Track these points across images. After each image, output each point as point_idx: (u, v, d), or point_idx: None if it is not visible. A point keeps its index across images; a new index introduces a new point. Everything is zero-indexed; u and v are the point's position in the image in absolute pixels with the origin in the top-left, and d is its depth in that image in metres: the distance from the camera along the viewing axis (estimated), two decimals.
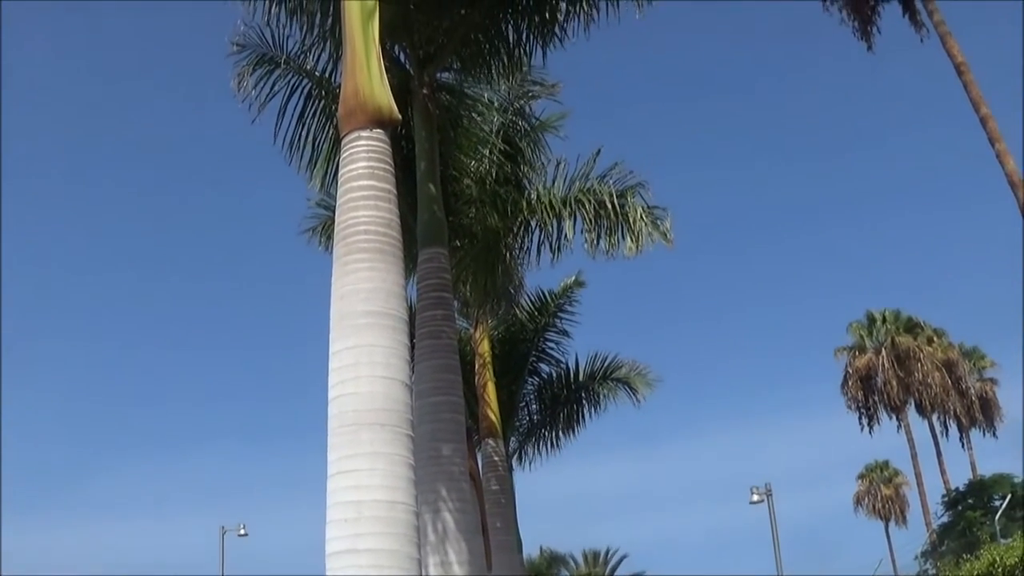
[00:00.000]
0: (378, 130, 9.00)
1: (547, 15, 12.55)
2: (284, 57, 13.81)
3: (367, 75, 9.04)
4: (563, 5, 12.49)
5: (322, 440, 8.02)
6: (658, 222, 14.49)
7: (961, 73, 25.14)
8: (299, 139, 14.10)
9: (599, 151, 15.25)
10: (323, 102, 14.02)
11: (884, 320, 53.05)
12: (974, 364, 54.98)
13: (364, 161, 8.84)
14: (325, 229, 17.15)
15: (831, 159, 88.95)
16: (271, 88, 13.87)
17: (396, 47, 12.95)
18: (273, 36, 13.65)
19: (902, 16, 28.51)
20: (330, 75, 13.85)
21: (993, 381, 55.18)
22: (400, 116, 9.27)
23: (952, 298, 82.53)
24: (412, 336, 9.35)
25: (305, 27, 13.35)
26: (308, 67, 13.97)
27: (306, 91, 14.03)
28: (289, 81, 13.95)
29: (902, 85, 79.83)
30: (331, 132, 13.98)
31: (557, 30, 12.72)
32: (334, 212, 16.18)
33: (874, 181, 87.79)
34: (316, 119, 14.11)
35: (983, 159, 24.56)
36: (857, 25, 28.90)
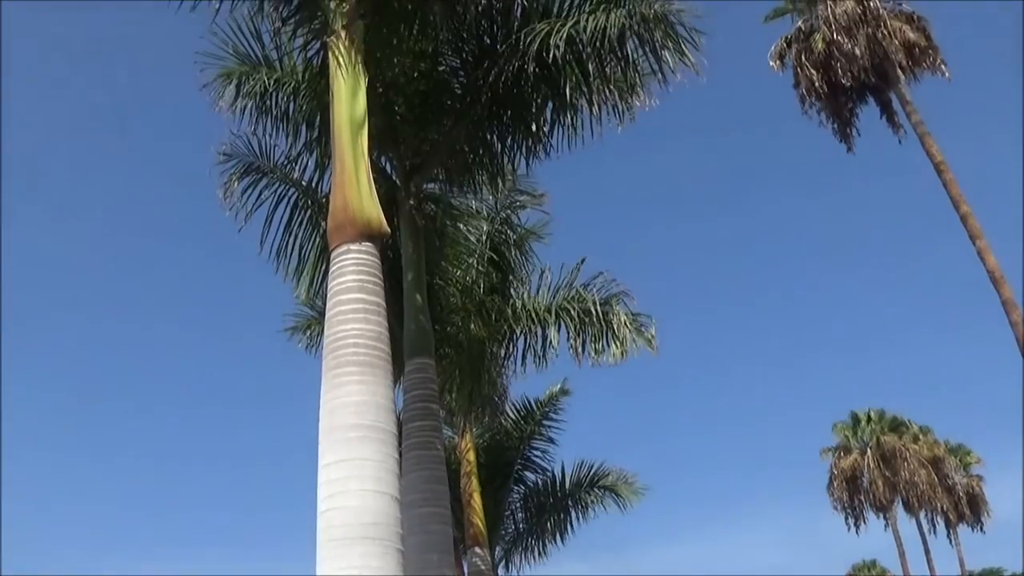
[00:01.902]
0: (367, 243, 9.11)
1: (532, 128, 12.69)
2: (271, 166, 13.94)
3: (356, 189, 9.16)
4: (547, 119, 12.63)
5: (308, 552, 7.98)
6: (642, 329, 14.57)
7: (941, 172, 25.62)
8: (286, 247, 14.15)
9: (583, 260, 15.45)
10: (309, 211, 14.11)
11: (869, 420, 52.98)
12: (960, 460, 54.86)
13: (353, 274, 8.92)
14: (307, 329, 17.22)
15: (813, 260, 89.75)
16: (258, 197, 13.99)
17: (383, 157, 13.08)
18: (260, 145, 13.83)
19: (880, 117, 29.06)
20: (316, 185, 13.99)
21: (979, 477, 55.10)
22: (389, 230, 9.37)
23: (937, 395, 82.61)
24: (399, 445, 9.33)
25: (291, 137, 13.54)
26: (294, 177, 14.08)
27: (292, 200, 14.12)
28: (276, 190, 14.06)
29: (881, 184, 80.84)
30: (317, 241, 14.06)
31: (542, 142, 12.83)
32: (316, 312, 16.49)
33: (856, 281, 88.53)
34: (303, 228, 14.18)
35: (964, 256, 24.80)
36: (836, 127, 29.42)
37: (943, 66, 27.89)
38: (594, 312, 14.54)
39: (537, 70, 11.83)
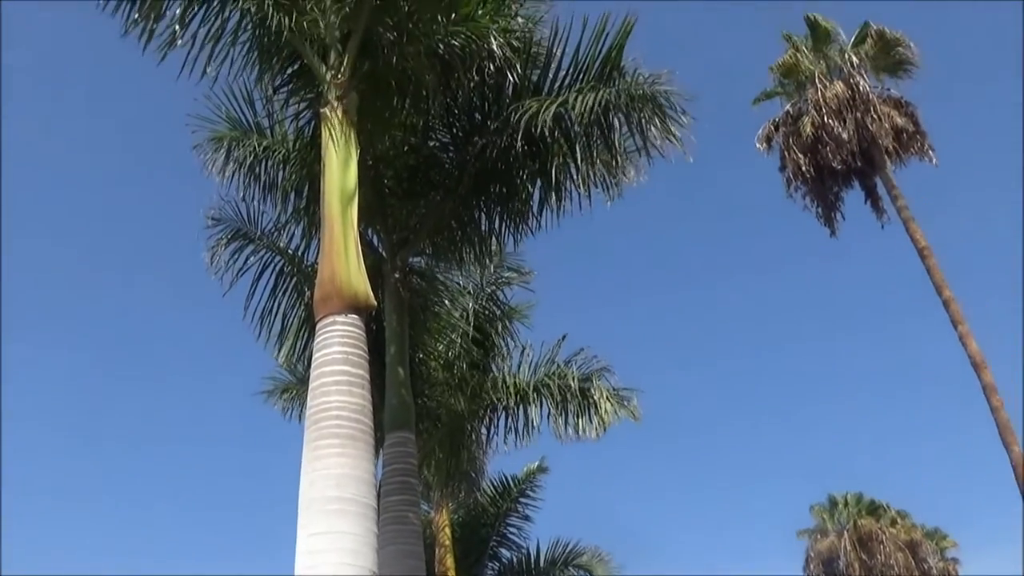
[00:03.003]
0: (353, 315, 9.10)
1: (519, 204, 12.75)
2: (258, 233, 13.98)
3: (344, 260, 9.17)
4: (535, 196, 12.69)
5: None
6: (625, 401, 14.60)
7: (924, 257, 25.78)
8: (269, 313, 14.13)
9: (564, 336, 15.55)
10: (295, 279, 14.12)
11: (846, 503, 52.84)
12: (936, 544, 54.69)
13: (339, 346, 8.89)
14: (284, 393, 17.15)
15: (793, 341, 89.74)
16: (244, 262, 14.02)
17: (370, 229, 13.11)
18: (248, 211, 13.90)
19: (865, 202, 29.25)
20: (302, 253, 14.01)
21: (955, 561, 54.88)
22: (376, 303, 9.37)
23: (914, 479, 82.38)
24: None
25: (279, 205, 13.58)
26: (281, 245, 14.11)
27: (278, 267, 14.14)
28: (262, 257, 14.09)
29: (864, 268, 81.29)
30: (301, 310, 14.06)
31: (530, 220, 12.89)
32: (294, 377, 16.44)
33: (837, 364, 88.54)
34: (287, 295, 14.18)
35: (947, 340, 24.92)
36: (821, 211, 29.55)
37: (931, 151, 28.17)
38: (574, 388, 14.56)
39: (526, 147, 11.96)
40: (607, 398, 14.64)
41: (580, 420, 14.75)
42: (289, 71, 11.69)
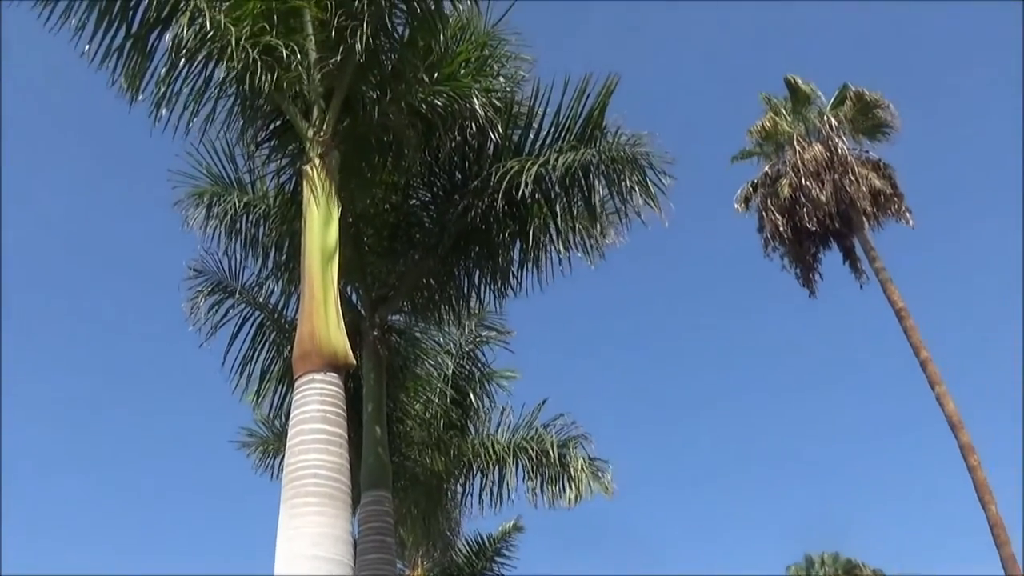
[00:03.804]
0: (332, 374, 9.08)
1: (499, 264, 12.77)
2: (238, 287, 13.98)
3: (324, 318, 9.17)
4: (516, 256, 12.72)
5: None
6: (599, 473, 14.60)
7: (902, 318, 26.00)
8: (246, 367, 14.11)
9: (544, 401, 15.64)
10: (274, 334, 14.10)
11: (823, 563, 52.66)
12: None
13: (317, 404, 8.86)
14: (259, 447, 17.10)
15: (770, 402, 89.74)
16: (224, 315, 14.02)
17: (349, 287, 13.10)
18: (230, 264, 13.91)
19: (843, 263, 29.48)
20: (282, 309, 14.01)
21: None
22: (355, 361, 9.35)
23: (891, 537, 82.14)
24: None
25: (260, 260, 13.60)
26: (261, 300, 14.10)
27: (258, 321, 14.14)
28: (242, 311, 14.09)
29: (842, 328, 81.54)
30: (280, 366, 14.03)
31: (510, 280, 12.90)
32: (270, 432, 16.37)
33: (814, 423, 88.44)
34: (266, 350, 14.16)
35: (924, 400, 25.06)
36: (799, 272, 29.73)
37: (908, 214, 28.43)
38: (552, 455, 14.58)
39: (506, 207, 11.99)
40: (583, 468, 14.67)
41: (554, 487, 14.76)
42: (271, 127, 11.71)
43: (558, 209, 12.10)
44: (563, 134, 11.86)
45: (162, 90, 10.46)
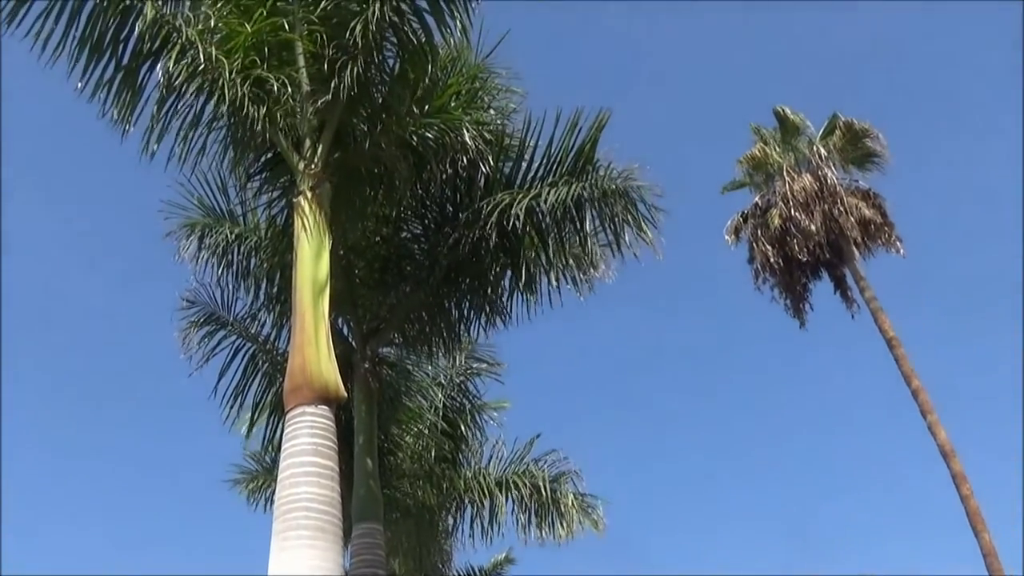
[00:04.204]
0: (323, 406, 9.06)
1: (490, 296, 12.77)
2: (231, 319, 13.97)
3: (315, 351, 9.14)
4: (506, 288, 12.72)
5: None
6: (589, 510, 14.58)
7: (893, 347, 25.89)
8: (238, 399, 14.08)
9: (537, 436, 15.60)
10: (266, 366, 14.08)
11: None
12: None
13: (308, 437, 8.83)
14: (250, 483, 17.05)
15: (761, 432, 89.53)
16: (215, 346, 14.01)
17: (340, 319, 13.09)
18: (222, 295, 13.91)
19: (833, 293, 29.40)
20: (274, 340, 13.99)
21: None
22: (346, 394, 9.33)
23: (883, 566, 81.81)
24: None
25: (252, 292, 13.58)
26: (253, 331, 14.08)
27: (250, 353, 14.11)
28: (233, 342, 14.07)
29: (834, 357, 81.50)
30: (271, 397, 13.99)
31: (501, 312, 12.90)
32: (260, 466, 16.30)
33: (805, 453, 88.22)
34: (257, 382, 14.14)
35: (915, 429, 24.99)
36: (789, 303, 29.62)
37: (898, 243, 28.42)
38: (544, 492, 14.55)
39: (497, 240, 11.98)
40: (573, 505, 14.67)
41: (545, 521, 14.74)
42: (263, 159, 11.70)
43: (550, 242, 12.13)
44: (555, 167, 11.89)
45: (153, 126, 10.45)
